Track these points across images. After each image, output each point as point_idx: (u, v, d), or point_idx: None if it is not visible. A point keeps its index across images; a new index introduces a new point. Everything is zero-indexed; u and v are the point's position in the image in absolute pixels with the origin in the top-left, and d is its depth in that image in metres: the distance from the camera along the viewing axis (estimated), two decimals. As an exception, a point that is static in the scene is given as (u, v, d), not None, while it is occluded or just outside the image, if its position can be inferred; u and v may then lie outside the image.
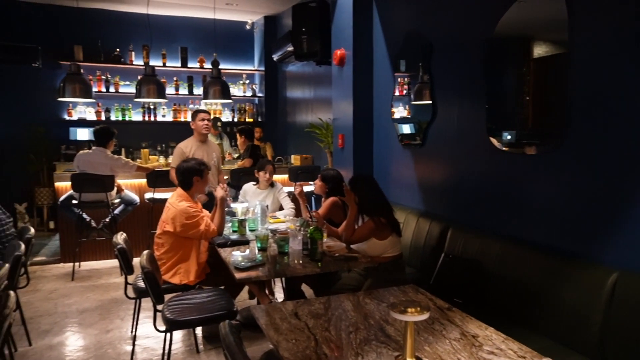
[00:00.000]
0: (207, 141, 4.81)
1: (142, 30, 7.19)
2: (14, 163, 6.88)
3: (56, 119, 7.25)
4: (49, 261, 5.58)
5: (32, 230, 3.53)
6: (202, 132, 4.66)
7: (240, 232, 3.55)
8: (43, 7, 7.05)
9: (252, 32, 8.32)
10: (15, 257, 2.88)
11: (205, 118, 4.67)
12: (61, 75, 7.12)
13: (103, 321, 3.95)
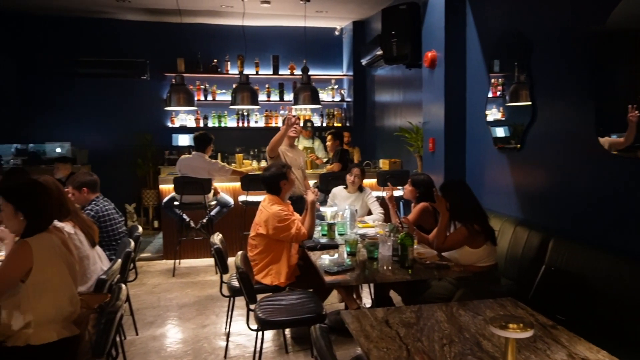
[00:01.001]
0: (294, 147, 4.92)
1: (238, 41, 7.56)
2: (124, 167, 7.54)
3: (161, 127, 7.86)
4: (153, 257, 6.03)
5: (140, 229, 3.85)
6: (290, 138, 4.79)
7: (330, 236, 3.58)
8: (150, 25, 7.68)
9: (340, 37, 8.41)
10: (126, 253, 3.15)
11: (297, 122, 4.79)
12: (166, 86, 7.72)
13: (200, 316, 4.19)
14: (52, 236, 2.19)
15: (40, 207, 2.18)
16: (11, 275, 2.05)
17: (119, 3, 6.60)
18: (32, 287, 2.05)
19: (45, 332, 2.07)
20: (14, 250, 2.09)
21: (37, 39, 7.44)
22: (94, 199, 3.55)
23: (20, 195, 2.15)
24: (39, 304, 2.06)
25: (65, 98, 7.53)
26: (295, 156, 4.77)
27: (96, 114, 7.66)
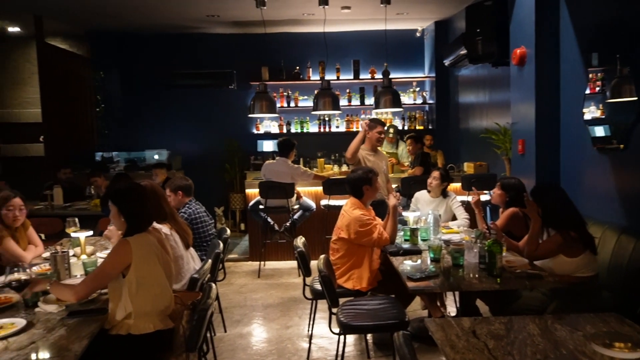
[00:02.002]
0: (378, 151, 4.90)
1: (319, 48, 7.68)
2: (213, 172, 7.96)
3: (247, 133, 8.20)
4: (240, 259, 6.30)
5: (228, 232, 4.04)
6: (375, 143, 4.78)
7: (412, 241, 3.52)
8: (237, 37, 8.07)
9: (422, 39, 8.25)
10: (216, 254, 3.32)
11: (382, 132, 4.78)
12: (251, 94, 8.02)
13: (283, 317, 4.30)
14: (149, 236, 2.36)
15: (139, 209, 2.37)
16: (112, 270, 2.25)
17: (209, 18, 7.01)
18: (132, 282, 2.23)
19: (143, 323, 2.24)
20: (116, 247, 2.29)
21: (138, 55, 8.11)
22: (187, 202, 3.78)
23: (122, 198, 2.35)
24: (137, 297, 2.23)
25: (162, 108, 8.13)
26: (378, 160, 4.75)
27: (189, 123, 8.18)
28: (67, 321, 2.19)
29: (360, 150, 4.75)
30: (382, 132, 4.80)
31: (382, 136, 4.81)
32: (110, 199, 2.35)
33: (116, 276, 2.24)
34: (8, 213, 3.32)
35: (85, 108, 7.79)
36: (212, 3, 6.28)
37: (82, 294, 2.25)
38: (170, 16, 6.96)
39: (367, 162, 4.56)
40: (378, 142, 4.80)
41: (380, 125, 4.80)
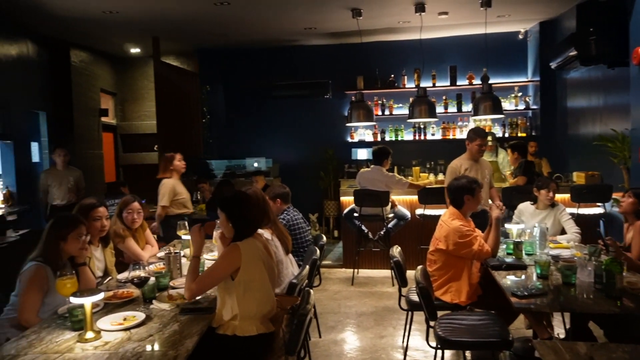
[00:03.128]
0: (479, 160, 4.72)
1: (414, 55, 7.60)
2: (308, 179, 8.16)
3: (341, 141, 8.31)
4: (334, 265, 6.37)
5: (324, 238, 4.11)
6: (476, 155, 4.65)
7: (516, 255, 3.32)
8: (332, 47, 8.23)
9: (524, 41, 7.79)
10: (313, 261, 3.40)
11: (482, 144, 4.63)
12: (346, 103, 8.15)
13: (377, 327, 4.27)
14: (257, 241, 2.48)
15: (245, 216, 2.49)
16: (223, 272, 2.38)
17: (307, 31, 7.25)
18: (240, 285, 2.35)
19: (248, 326, 2.35)
20: (226, 251, 2.42)
21: (240, 69, 8.59)
22: (285, 209, 3.92)
23: (230, 206, 2.50)
24: (244, 300, 2.34)
25: (262, 118, 8.52)
26: (479, 170, 4.58)
27: (286, 131, 8.48)
28: (180, 318, 2.37)
29: (458, 161, 4.62)
30: (483, 144, 4.64)
31: (482, 148, 4.67)
32: (219, 206, 2.51)
33: (226, 278, 2.37)
34: (128, 215, 3.68)
35: (193, 119, 8.41)
36: (310, 16, 6.49)
37: (195, 292, 2.41)
38: (271, 31, 7.30)
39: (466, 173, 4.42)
40: (479, 153, 4.66)
41: (480, 138, 4.64)
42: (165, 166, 5.08)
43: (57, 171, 6.10)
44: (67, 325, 2.28)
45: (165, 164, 5.09)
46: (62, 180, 6.05)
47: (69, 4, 5.62)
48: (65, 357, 1.96)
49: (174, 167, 5.06)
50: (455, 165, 4.70)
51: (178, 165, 5.08)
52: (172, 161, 5.06)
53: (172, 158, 5.08)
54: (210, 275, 2.44)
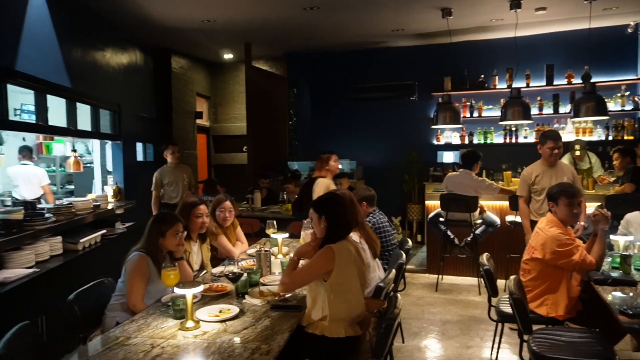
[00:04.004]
0: (557, 165, 4.41)
1: (507, 54, 7.25)
2: (392, 182, 8.09)
3: (427, 144, 8.14)
4: (417, 270, 6.26)
5: (410, 242, 4.06)
6: (549, 159, 4.38)
7: (624, 269, 3.05)
8: (419, 48, 8.09)
9: (634, 35, 7.12)
10: (399, 265, 3.37)
11: (555, 147, 4.32)
12: (432, 105, 7.98)
13: (463, 336, 4.13)
14: (349, 244, 2.50)
15: (339, 216, 2.52)
16: (316, 272, 2.43)
17: (394, 32, 7.20)
18: (331, 287, 2.38)
19: (336, 328, 2.38)
20: (321, 252, 2.45)
21: (326, 72, 8.73)
22: (371, 211, 3.93)
23: (324, 206, 2.54)
24: (334, 302, 2.37)
25: (346, 121, 8.59)
26: (554, 176, 4.29)
27: (370, 134, 8.48)
28: (271, 314, 2.47)
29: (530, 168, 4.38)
30: (555, 147, 4.32)
31: (555, 152, 4.34)
32: (312, 206, 2.57)
33: (317, 279, 2.42)
34: (220, 214, 3.89)
35: (280, 122, 8.69)
36: (398, 17, 6.44)
37: (287, 286, 2.49)
38: (357, 34, 7.35)
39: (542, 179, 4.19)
40: (551, 157, 4.36)
41: (551, 140, 4.34)
42: (321, 165, 5.10)
43: (170, 169, 6.22)
44: (169, 313, 2.46)
45: (321, 163, 5.10)
46: (177, 178, 6.20)
47: (173, 14, 6.08)
48: (169, 342, 2.12)
49: (329, 167, 5.06)
50: (527, 172, 4.46)
51: (333, 165, 5.09)
52: (328, 161, 5.06)
53: (329, 159, 5.07)
54: (303, 273, 2.50)
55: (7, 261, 3.52)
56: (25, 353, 2.06)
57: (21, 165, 5.94)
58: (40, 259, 3.77)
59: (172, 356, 1.98)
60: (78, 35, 5.32)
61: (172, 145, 6.31)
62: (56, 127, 4.86)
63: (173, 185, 6.19)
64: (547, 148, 4.37)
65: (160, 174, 6.23)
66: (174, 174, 6.22)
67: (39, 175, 5.96)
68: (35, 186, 5.90)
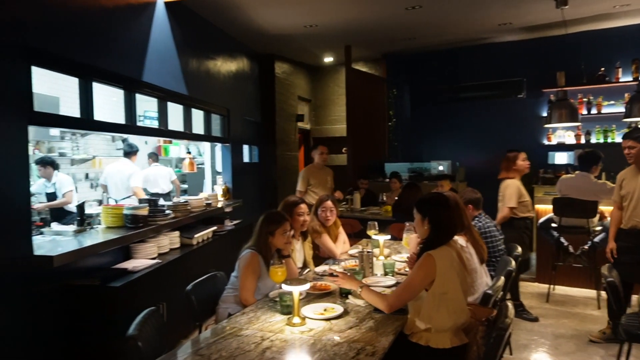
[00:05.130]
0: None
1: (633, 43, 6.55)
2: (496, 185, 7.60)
3: (535, 144, 7.61)
4: (524, 278, 5.84)
5: (519, 249, 3.82)
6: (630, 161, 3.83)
7: None
8: (528, 43, 7.60)
9: None
10: (508, 272, 3.18)
11: (625, 146, 3.80)
12: (542, 103, 7.45)
13: (580, 353, 3.81)
14: (451, 250, 2.40)
15: (443, 218, 2.43)
16: (419, 284, 2.34)
17: (500, 27, 6.84)
18: (433, 296, 2.30)
19: (441, 338, 2.29)
20: (422, 262, 2.36)
21: (426, 72, 8.54)
22: (477, 215, 3.76)
23: (428, 206, 2.47)
24: (438, 313, 2.29)
25: (447, 121, 8.33)
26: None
27: (473, 134, 8.14)
28: (374, 315, 2.46)
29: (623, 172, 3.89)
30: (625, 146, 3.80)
31: (626, 152, 3.79)
32: (415, 207, 2.51)
33: (421, 291, 2.34)
34: (322, 213, 3.98)
35: (379, 123, 8.66)
36: (507, 11, 6.11)
37: (394, 306, 2.39)
38: (460, 31, 7.10)
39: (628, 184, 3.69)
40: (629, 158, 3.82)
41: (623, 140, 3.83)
42: (508, 166, 4.68)
43: (316, 169, 6.12)
44: (276, 308, 2.57)
45: (508, 163, 4.68)
46: (321, 180, 6.08)
47: (278, 22, 6.35)
48: (277, 336, 2.21)
49: (517, 167, 4.64)
50: (618, 177, 3.93)
51: (521, 165, 4.64)
52: (515, 160, 4.64)
53: (516, 157, 4.65)
54: (406, 288, 2.38)
55: (134, 252, 3.93)
56: (153, 336, 2.27)
57: (153, 166, 6.67)
58: (161, 252, 4.16)
59: (281, 350, 2.07)
60: (194, 46, 5.76)
61: (322, 146, 6.18)
62: (175, 131, 5.31)
63: (319, 186, 6.01)
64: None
65: (308, 173, 6.09)
66: (320, 176, 6.11)
67: (169, 173, 6.74)
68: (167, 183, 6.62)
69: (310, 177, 6.06)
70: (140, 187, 5.98)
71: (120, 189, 5.91)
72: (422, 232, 2.47)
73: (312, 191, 6.00)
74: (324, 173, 6.15)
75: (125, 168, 6.01)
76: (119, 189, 5.91)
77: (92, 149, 6.92)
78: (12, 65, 2.97)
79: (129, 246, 3.90)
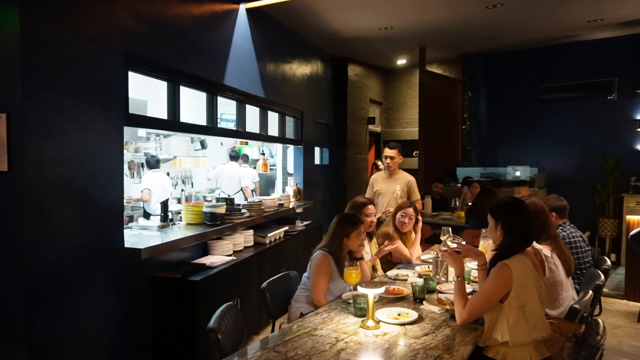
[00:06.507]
0: None
1: None
2: (581, 192, 7.20)
3: (628, 150, 7.05)
4: (611, 294, 5.46)
5: (608, 262, 3.55)
6: None
7: None
8: (621, 40, 7.06)
9: None
10: (596, 286, 2.97)
11: None
12: (636, 105, 6.89)
13: (679, 380, 3.46)
14: (527, 260, 2.26)
15: (518, 224, 2.29)
16: (494, 295, 2.21)
17: (589, 24, 6.40)
18: (510, 309, 2.17)
19: (520, 353, 2.17)
20: (497, 272, 2.23)
21: (505, 73, 8.19)
22: (561, 224, 3.54)
23: (501, 211, 2.34)
24: (515, 327, 2.16)
25: (528, 124, 7.94)
26: None
27: (555, 138, 7.70)
28: (451, 323, 2.39)
29: None
30: None
31: None
32: (490, 211, 2.40)
33: (497, 302, 2.22)
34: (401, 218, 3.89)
35: (453, 126, 8.42)
36: (597, 5, 5.71)
37: (466, 319, 2.28)
38: (544, 29, 6.73)
39: None
40: None
41: None
42: None
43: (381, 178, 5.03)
44: (349, 310, 2.57)
45: None
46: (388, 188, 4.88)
47: (353, 25, 6.37)
48: (352, 339, 2.21)
49: None
50: None
51: None
52: None
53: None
54: (481, 300, 2.25)
55: (212, 248, 4.10)
56: (231, 329, 2.36)
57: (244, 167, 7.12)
58: (236, 249, 4.30)
59: (355, 352, 2.06)
60: (271, 50, 5.93)
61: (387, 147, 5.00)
62: (252, 133, 5.48)
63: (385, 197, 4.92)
64: None
65: (372, 180, 5.13)
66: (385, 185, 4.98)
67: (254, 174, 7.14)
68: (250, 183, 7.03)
69: (375, 184, 5.04)
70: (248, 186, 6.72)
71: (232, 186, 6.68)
72: (496, 238, 2.35)
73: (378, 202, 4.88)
74: (392, 181, 4.91)
75: (234, 169, 6.72)
76: (231, 186, 6.68)
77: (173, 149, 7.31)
78: (113, 70, 3.21)
79: (207, 242, 4.08)
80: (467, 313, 2.28)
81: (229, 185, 6.66)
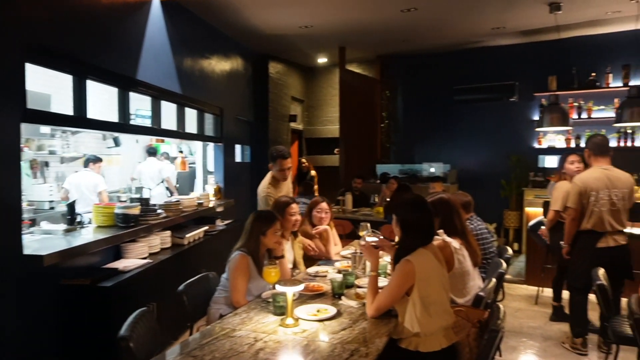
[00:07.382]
0: None
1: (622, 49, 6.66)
2: (488, 187, 7.73)
3: (527, 148, 7.68)
4: (513, 280, 5.92)
5: (510, 251, 3.86)
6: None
7: None
8: (521, 47, 7.65)
9: None
10: (499, 274, 3.21)
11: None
12: (533, 107, 7.53)
13: (569, 356, 3.86)
14: (429, 254, 2.37)
15: (411, 221, 2.39)
16: (398, 290, 2.31)
17: (494, 31, 6.89)
18: (415, 302, 2.27)
19: (430, 341, 2.27)
20: (400, 269, 2.33)
21: (420, 74, 8.57)
22: (468, 218, 3.78)
23: (398, 208, 2.47)
24: (423, 317, 2.26)
25: (442, 123, 8.37)
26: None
27: (466, 137, 8.19)
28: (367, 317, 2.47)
29: None
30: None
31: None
32: (392, 209, 2.50)
33: (401, 297, 2.31)
34: (317, 214, 3.98)
35: (373, 124, 8.68)
36: (500, 15, 6.15)
37: (375, 312, 2.39)
38: (455, 34, 7.14)
39: None
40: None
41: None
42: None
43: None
44: (269, 309, 2.56)
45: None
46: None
47: (274, 22, 6.35)
48: (271, 337, 2.21)
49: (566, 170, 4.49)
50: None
51: (567, 168, 4.46)
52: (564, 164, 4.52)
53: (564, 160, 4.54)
54: (386, 295, 2.37)
55: (125, 252, 3.90)
56: (144, 336, 2.25)
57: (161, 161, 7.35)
58: (152, 251, 4.13)
59: (274, 351, 2.06)
60: (188, 44, 5.74)
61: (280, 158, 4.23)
62: (168, 130, 5.28)
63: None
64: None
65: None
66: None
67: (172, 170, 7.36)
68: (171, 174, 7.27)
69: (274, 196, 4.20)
70: (169, 177, 7.11)
71: (154, 180, 6.98)
72: (397, 234, 2.47)
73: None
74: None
75: (153, 164, 7.09)
76: (153, 180, 6.98)
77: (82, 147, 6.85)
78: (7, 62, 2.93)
79: (119, 246, 3.87)
80: (374, 308, 2.39)
81: (151, 180, 6.63)
